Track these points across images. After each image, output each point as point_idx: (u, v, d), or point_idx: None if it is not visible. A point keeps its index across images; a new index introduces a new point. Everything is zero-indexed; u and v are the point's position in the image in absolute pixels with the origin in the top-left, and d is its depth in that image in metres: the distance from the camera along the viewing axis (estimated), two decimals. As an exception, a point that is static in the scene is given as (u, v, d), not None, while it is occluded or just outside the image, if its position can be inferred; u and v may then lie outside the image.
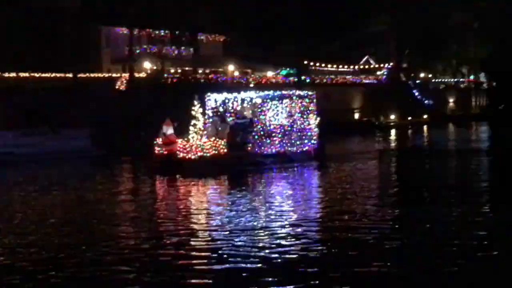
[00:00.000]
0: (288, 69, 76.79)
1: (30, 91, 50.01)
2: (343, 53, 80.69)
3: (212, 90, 35.66)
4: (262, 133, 31.82)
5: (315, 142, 33.96)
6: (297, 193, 23.95)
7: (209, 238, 16.14)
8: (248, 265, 13.41)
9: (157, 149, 31.43)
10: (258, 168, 30.31)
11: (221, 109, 33.59)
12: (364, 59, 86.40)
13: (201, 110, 31.73)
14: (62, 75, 54.24)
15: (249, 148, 31.29)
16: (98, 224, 18.71)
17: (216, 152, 30.22)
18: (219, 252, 14.49)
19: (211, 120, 32.83)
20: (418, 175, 29.46)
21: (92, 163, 37.61)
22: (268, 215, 19.02)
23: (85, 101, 50.21)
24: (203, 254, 14.55)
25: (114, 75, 60.88)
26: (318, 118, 34.64)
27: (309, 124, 33.80)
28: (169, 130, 31.13)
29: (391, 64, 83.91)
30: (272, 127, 32.31)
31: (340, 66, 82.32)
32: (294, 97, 33.79)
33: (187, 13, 61.67)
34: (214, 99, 33.78)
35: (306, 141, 33.59)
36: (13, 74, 51.52)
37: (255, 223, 17.74)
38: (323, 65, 79.75)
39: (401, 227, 17.13)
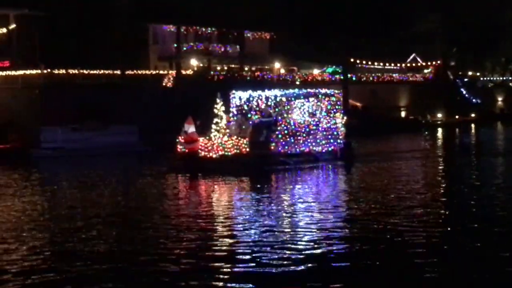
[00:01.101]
0: (334, 66, 76.58)
1: (79, 87, 50.77)
2: (390, 51, 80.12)
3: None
4: (286, 132, 30.93)
5: (341, 141, 33.03)
6: (320, 196, 22.78)
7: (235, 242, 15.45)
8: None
9: (179, 147, 30.94)
10: (282, 168, 29.55)
11: (245, 107, 32.73)
12: (411, 57, 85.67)
13: (223, 108, 30.99)
14: (110, 71, 54.88)
15: (272, 147, 30.41)
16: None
17: (238, 151, 29.63)
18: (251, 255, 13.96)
19: (234, 118, 32.12)
20: (448, 178, 27.92)
21: (137, 159, 37.88)
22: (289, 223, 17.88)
23: (133, 97, 50.87)
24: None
25: (161, 72, 61.41)
26: (345, 117, 33.75)
27: (335, 123, 32.88)
28: (191, 128, 30.51)
29: (439, 62, 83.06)
30: (296, 126, 31.47)
31: (387, 64, 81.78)
32: (320, 96, 33.01)
33: (233, 10, 61.86)
34: (238, 96, 32.92)
35: (332, 140, 32.65)
36: (62, 71, 52.25)
37: (276, 232, 16.53)
38: (369, 62, 79.33)
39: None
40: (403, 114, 76.32)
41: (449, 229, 16.78)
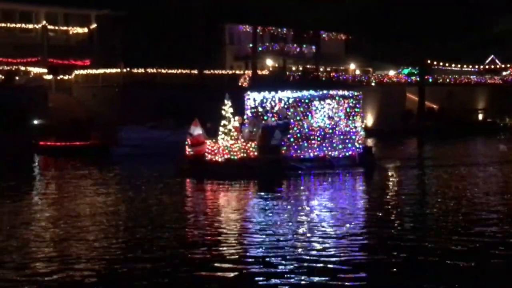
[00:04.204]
0: (410, 68, 75.99)
1: (157, 87, 51.76)
2: (468, 52, 78.96)
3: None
4: (298, 135, 29.31)
5: (360, 146, 30.99)
6: (333, 204, 20.85)
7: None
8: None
9: (187, 150, 29.88)
10: (293, 174, 27.97)
11: (260, 109, 31.58)
12: (490, 58, 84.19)
13: (231, 110, 29.51)
14: (188, 71, 55.74)
15: (283, 151, 28.90)
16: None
17: (245, 155, 28.45)
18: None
19: (248, 120, 30.98)
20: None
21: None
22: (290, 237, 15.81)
23: (210, 97, 51.44)
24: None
25: (237, 72, 62.02)
26: (365, 121, 32.25)
27: (354, 127, 30.90)
28: (196, 131, 29.41)
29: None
30: (310, 129, 29.75)
31: (464, 66, 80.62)
32: (337, 98, 31.12)
33: (309, 11, 62.01)
34: (253, 98, 31.76)
35: (349, 145, 30.59)
36: (141, 70, 53.33)
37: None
38: (446, 64, 78.34)
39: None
40: (480, 116, 75.13)
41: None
